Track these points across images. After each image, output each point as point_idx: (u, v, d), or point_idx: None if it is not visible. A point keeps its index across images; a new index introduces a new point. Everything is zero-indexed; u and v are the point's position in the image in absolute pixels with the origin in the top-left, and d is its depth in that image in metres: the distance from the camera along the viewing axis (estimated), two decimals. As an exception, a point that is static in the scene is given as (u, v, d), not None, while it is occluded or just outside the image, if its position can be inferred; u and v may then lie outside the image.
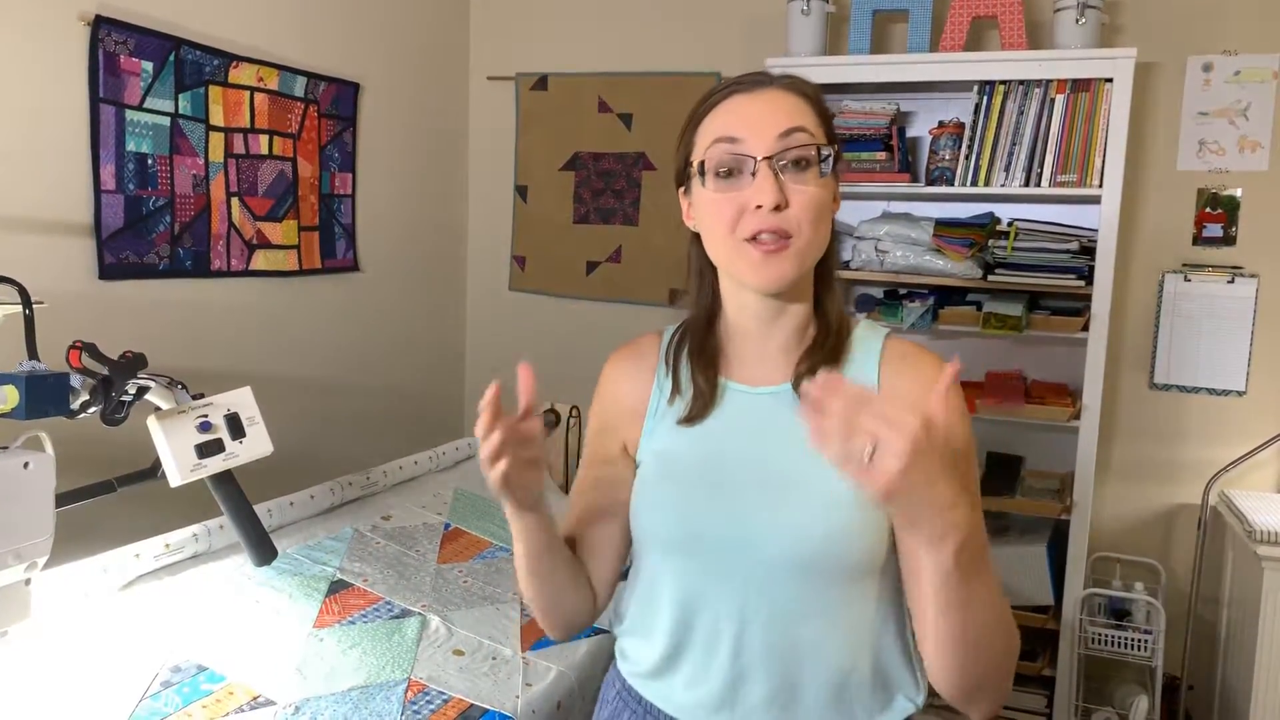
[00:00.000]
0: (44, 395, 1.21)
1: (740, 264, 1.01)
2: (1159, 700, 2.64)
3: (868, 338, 1.08)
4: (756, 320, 1.07)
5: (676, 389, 1.10)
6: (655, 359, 1.15)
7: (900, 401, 0.76)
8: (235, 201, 2.61)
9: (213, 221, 2.54)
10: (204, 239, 2.52)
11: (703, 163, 1.02)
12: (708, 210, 1.02)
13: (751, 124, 1.00)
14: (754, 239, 0.99)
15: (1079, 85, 2.59)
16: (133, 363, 1.29)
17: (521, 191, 3.60)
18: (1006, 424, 2.80)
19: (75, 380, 1.27)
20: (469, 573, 1.95)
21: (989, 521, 1.06)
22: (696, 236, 1.09)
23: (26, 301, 1.32)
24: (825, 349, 1.05)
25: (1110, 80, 2.53)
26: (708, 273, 1.11)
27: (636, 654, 1.14)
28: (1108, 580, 2.83)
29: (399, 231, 3.34)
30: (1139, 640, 2.64)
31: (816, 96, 1.04)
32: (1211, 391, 2.82)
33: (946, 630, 0.89)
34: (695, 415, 1.07)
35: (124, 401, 1.31)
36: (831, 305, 1.08)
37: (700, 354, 1.10)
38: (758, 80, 1.03)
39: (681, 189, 1.10)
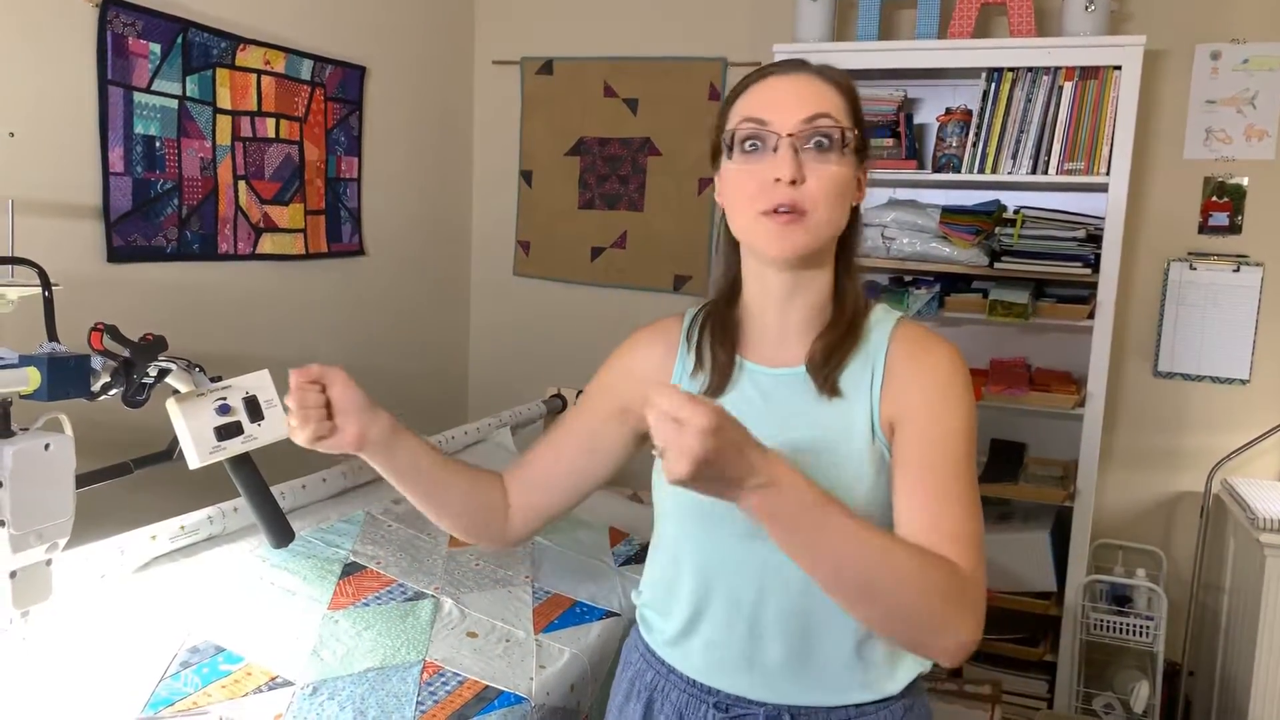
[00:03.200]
0: (66, 377, 1.21)
1: (757, 234, 1.05)
2: (1159, 686, 2.67)
3: (882, 321, 1.11)
4: (775, 298, 1.10)
5: (699, 365, 1.14)
6: (677, 338, 1.19)
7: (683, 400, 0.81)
8: (242, 185, 2.61)
9: (220, 205, 2.54)
10: (211, 222, 2.52)
11: (732, 135, 1.06)
12: (731, 182, 1.07)
13: (778, 106, 1.04)
14: (771, 212, 1.02)
15: (1087, 73, 2.59)
16: (154, 345, 1.29)
17: (526, 176, 3.60)
18: (1010, 411, 2.82)
19: (96, 362, 1.27)
20: (480, 556, 1.96)
21: (992, 508, 1.09)
22: (725, 215, 1.13)
23: (46, 283, 1.32)
24: (840, 330, 1.09)
25: (1119, 68, 2.53)
26: (732, 251, 1.15)
27: (658, 622, 1.18)
28: (1110, 567, 2.85)
29: (404, 216, 3.34)
30: (1140, 626, 2.66)
31: (848, 86, 1.09)
32: (1215, 380, 2.83)
33: (822, 578, 0.92)
34: (715, 387, 1.12)
35: (145, 384, 1.31)
36: (850, 288, 1.12)
37: (721, 330, 1.14)
38: (793, 65, 1.08)
39: (715, 166, 1.14)
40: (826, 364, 1.07)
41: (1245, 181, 2.77)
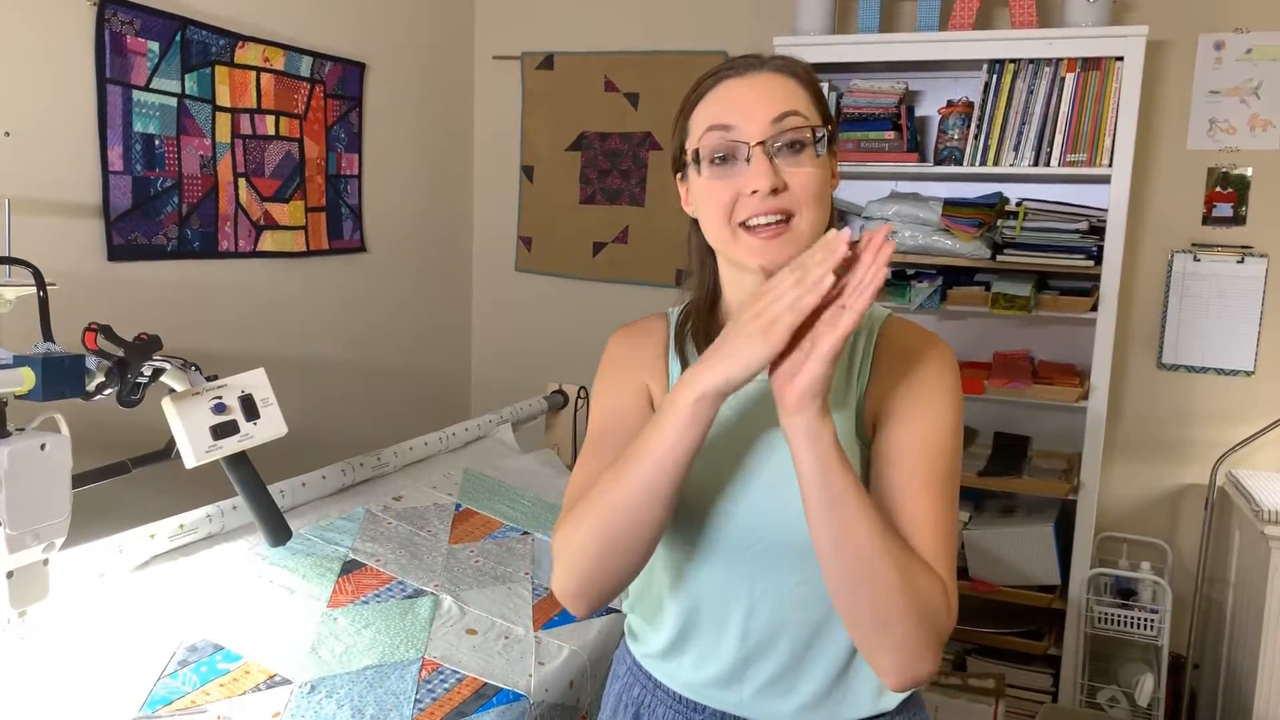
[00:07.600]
0: (60, 377, 1.21)
1: (737, 248, 1.01)
2: (1164, 679, 2.66)
3: (869, 319, 1.08)
4: None
5: None
6: (664, 340, 1.14)
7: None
8: (242, 182, 2.61)
9: (220, 202, 2.54)
10: (212, 220, 2.52)
11: (697, 150, 1.01)
12: (704, 198, 1.02)
13: (744, 110, 0.99)
14: (748, 226, 0.98)
15: (1089, 64, 2.57)
16: (148, 344, 1.30)
17: (528, 171, 3.59)
18: (1014, 404, 2.80)
19: (91, 362, 1.28)
20: (480, 553, 1.96)
21: (996, 502, 1.06)
22: (696, 223, 1.09)
23: (41, 283, 1.32)
24: None
25: (1121, 59, 2.51)
26: (709, 259, 1.11)
27: (644, 636, 1.15)
28: (1114, 560, 2.84)
29: (405, 212, 3.34)
30: (1145, 619, 2.65)
31: (809, 77, 1.04)
32: (1220, 371, 2.82)
33: (829, 537, 0.89)
34: None
35: (139, 383, 1.31)
36: None
37: (705, 340, 1.08)
38: (749, 64, 1.02)
39: (679, 175, 1.09)
40: None
41: (1249, 172, 2.75)
